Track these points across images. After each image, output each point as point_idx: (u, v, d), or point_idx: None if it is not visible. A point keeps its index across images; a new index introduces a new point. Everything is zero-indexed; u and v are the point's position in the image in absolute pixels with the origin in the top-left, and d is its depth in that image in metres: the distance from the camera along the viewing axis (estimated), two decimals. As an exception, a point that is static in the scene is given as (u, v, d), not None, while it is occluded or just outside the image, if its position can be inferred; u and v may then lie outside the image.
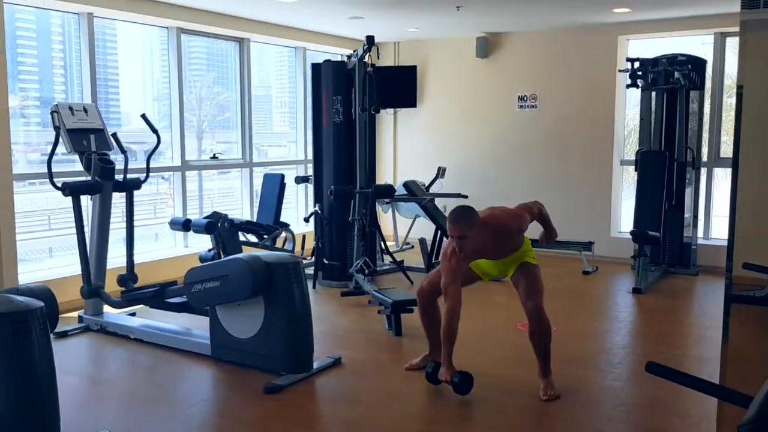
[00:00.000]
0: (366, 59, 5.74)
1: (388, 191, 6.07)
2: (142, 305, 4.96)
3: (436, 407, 3.56)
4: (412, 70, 8.28)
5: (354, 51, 5.90)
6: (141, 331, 4.63)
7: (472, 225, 3.48)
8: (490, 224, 3.60)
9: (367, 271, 5.73)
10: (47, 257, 6.02)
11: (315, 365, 4.05)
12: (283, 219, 6.96)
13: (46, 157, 4.51)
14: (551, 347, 3.77)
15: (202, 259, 5.67)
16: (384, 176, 8.73)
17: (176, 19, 6.28)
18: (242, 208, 7.45)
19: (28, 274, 5.40)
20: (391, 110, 8.56)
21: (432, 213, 6.80)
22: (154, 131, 4.95)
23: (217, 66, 7.45)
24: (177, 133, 6.56)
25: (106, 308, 4.97)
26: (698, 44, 7.05)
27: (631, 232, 6.07)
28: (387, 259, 6.70)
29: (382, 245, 6.62)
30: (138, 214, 6.74)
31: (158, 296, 4.55)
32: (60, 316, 5.13)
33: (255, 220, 6.78)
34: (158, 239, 6.90)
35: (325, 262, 6.25)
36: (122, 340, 4.67)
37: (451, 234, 3.53)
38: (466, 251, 3.55)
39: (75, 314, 5.03)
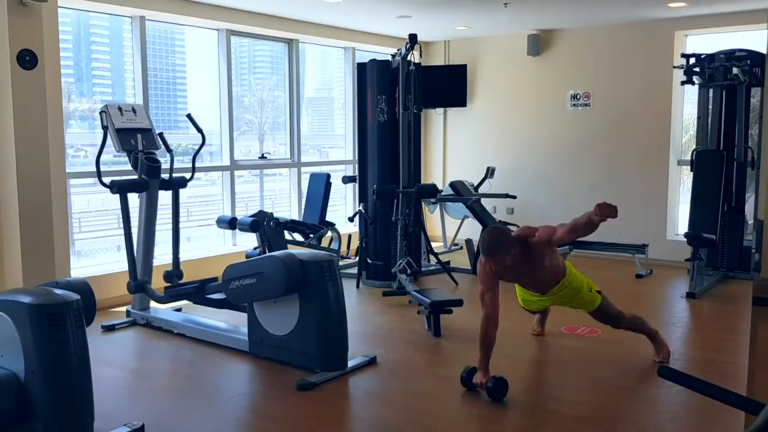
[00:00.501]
0: (409, 58, 5.71)
1: (431, 191, 6.02)
2: (186, 301, 5.07)
3: (468, 410, 3.50)
4: (462, 69, 8.21)
5: (398, 50, 5.88)
6: (184, 326, 4.73)
7: (507, 251, 3.55)
8: (520, 240, 3.66)
9: (409, 271, 5.70)
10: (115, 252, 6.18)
11: (350, 364, 4.04)
12: (330, 219, 7.02)
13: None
14: (647, 325, 4.13)
15: (248, 257, 5.75)
16: (433, 176, 8.69)
17: (226, 21, 6.40)
18: (290, 208, 7.53)
19: (88, 268, 5.61)
20: (440, 110, 8.52)
21: (479, 214, 6.71)
22: (200, 131, 5.05)
23: (279, 69, 7.57)
24: (226, 132, 6.68)
25: (154, 303, 5.10)
26: (759, 39, 6.73)
27: (685, 234, 5.84)
28: (433, 259, 6.65)
29: (427, 245, 6.57)
30: (194, 214, 6.95)
31: (199, 292, 4.64)
32: (110, 309, 5.36)
33: (301, 219, 6.84)
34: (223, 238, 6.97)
35: (369, 261, 6.24)
36: (166, 334, 4.78)
37: (492, 263, 3.63)
38: (506, 265, 3.63)
39: (124, 309, 5.18)
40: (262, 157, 7.21)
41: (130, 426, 3.20)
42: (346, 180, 7.41)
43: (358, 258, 6.34)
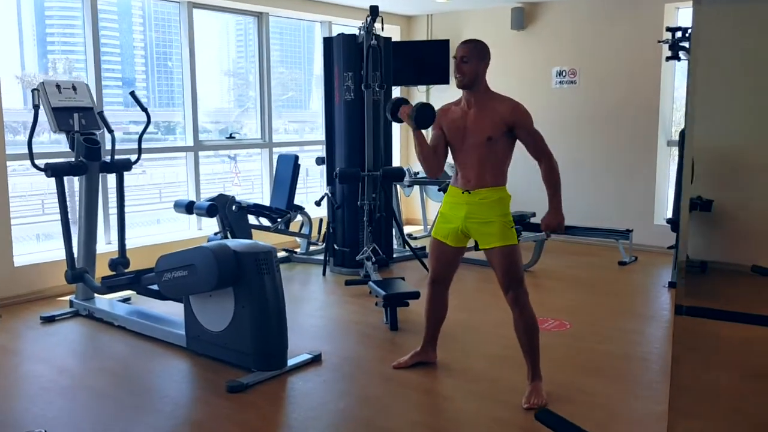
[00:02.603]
0: (374, 31, 5.34)
1: (397, 174, 5.67)
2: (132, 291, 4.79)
3: (407, 416, 3.19)
4: (444, 44, 7.82)
5: (363, 23, 5.50)
6: (125, 318, 4.45)
7: (478, 53, 3.33)
8: (496, 93, 3.44)
9: (374, 258, 5.38)
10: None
11: (292, 362, 3.75)
12: (303, 202, 6.70)
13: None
14: (539, 346, 3.37)
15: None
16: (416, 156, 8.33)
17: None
18: (262, 191, 7.22)
19: (35, 254, 5.33)
20: (423, 87, 8.14)
21: (454, 197, 6.36)
22: (144, 110, 4.73)
23: (287, 45, 7.32)
24: (189, 111, 6.35)
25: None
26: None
27: (668, 220, 5.49)
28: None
29: (399, 231, 6.25)
30: (166, 196, 6.68)
31: (135, 283, 4.35)
32: (58, 299, 5.08)
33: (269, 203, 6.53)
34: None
35: (336, 248, 5.93)
36: (107, 327, 4.50)
37: (456, 56, 3.37)
38: (465, 73, 3.31)
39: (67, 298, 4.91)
40: (231, 137, 6.88)
41: (31, 434, 2.92)
42: (320, 161, 7.08)
43: (323, 244, 6.03)
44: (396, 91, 8.03)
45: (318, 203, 5.99)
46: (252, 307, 3.61)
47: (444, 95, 8.00)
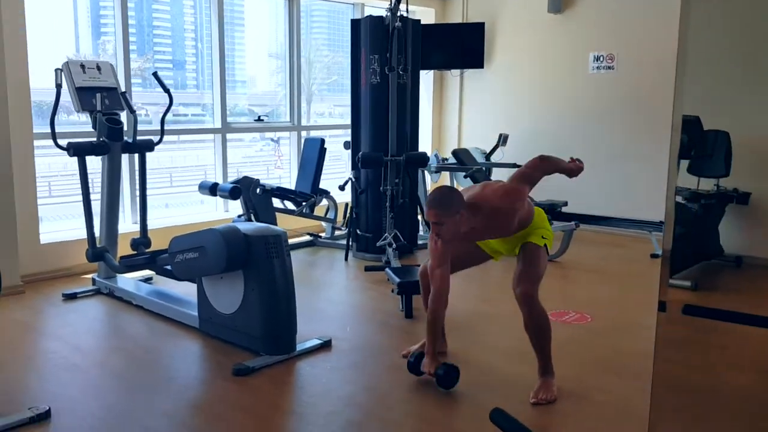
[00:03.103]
0: (399, 12, 5.24)
1: (421, 159, 5.58)
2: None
3: (409, 407, 3.13)
4: (479, 27, 7.65)
5: (389, 4, 5.40)
6: (143, 298, 4.49)
7: (448, 211, 3.01)
8: (480, 206, 3.11)
9: (394, 245, 5.31)
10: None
11: (301, 346, 3.73)
12: (331, 187, 6.65)
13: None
14: (550, 343, 3.26)
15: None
16: (448, 142, 8.21)
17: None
18: (290, 175, 7.20)
19: (62, 232, 5.43)
20: (456, 71, 8.00)
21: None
22: (166, 91, 4.73)
23: (333, 28, 7.32)
24: (218, 93, 6.36)
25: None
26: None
27: (702, 214, 5.26)
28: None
29: (423, 218, 6.16)
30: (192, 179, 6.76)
31: (151, 263, 4.37)
32: (82, 276, 5.16)
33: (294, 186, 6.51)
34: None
35: (359, 233, 5.88)
36: (126, 306, 4.56)
37: (427, 220, 3.16)
38: (444, 237, 3.10)
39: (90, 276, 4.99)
40: (259, 119, 6.88)
41: (35, 410, 2.95)
42: (347, 145, 7.02)
43: (347, 229, 5.99)
44: (425, 75, 7.92)
45: (342, 187, 5.94)
46: (261, 290, 3.59)
47: (479, 80, 7.86)
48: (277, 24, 7.26)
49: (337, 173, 7.84)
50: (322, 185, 6.53)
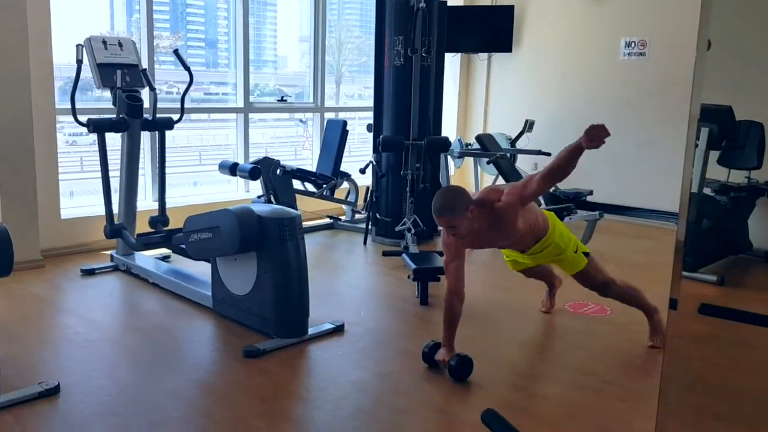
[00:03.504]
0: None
1: (442, 144, 5.49)
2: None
3: (418, 396, 3.08)
4: (508, 10, 7.50)
5: (416, -16, 5.29)
6: (159, 276, 4.49)
7: (456, 213, 3.00)
8: (485, 204, 3.15)
9: (413, 230, 5.25)
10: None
11: (313, 330, 3.70)
12: (354, 169, 6.60)
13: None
14: (643, 297, 3.70)
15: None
16: (473, 127, 8.09)
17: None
18: (312, 156, 7.16)
19: (84, 208, 5.46)
20: (484, 55, 7.86)
21: (505, 171, 6.13)
22: (187, 69, 4.70)
23: (362, 9, 7.27)
24: (241, 72, 6.32)
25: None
26: None
27: (732, 207, 5.11)
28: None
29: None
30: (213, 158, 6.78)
31: (166, 242, 4.37)
32: (101, 252, 5.19)
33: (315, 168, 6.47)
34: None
35: (378, 217, 5.82)
36: (142, 283, 4.57)
37: (439, 225, 3.15)
38: (462, 235, 3.10)
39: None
40: (282, 99, 6.83)
41: (44, 385, 2.97)
42: (370, 128, 6.96)
43: (367, 213, 5.93)
44: (451, 59, 7.79)
45: (363, 171, 5.88)
46: (274, 272, 3.56)
47: (507, 65, 7.71)
48: (308, 4, 7.23)
49: (364, 156, 7.80)
50: (347, 168, 6.48)
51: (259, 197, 5.85)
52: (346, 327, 3.82)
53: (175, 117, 4.78)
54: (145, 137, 5.62)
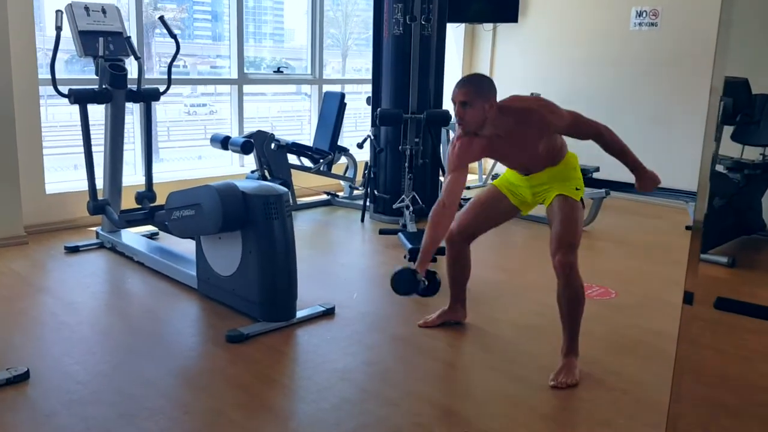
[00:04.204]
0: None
1: (442, 118, 5.25)
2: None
3: (409, 385, 2.90)
4: (515, -22, 7.20)
5: (415, -51, 5.02)
6: (143, 254, 4.31)
7: (480, 91, 2.80)
8: (510, 107, 2.88)
9: (411, 208, 5.05)
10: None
11: (301, 313, 3.51)
12: (351, 145, 6.39)
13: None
14: (581, 320, 2.99)
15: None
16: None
17: None
18: (311, 130, 6.94)
19: (70, 183, 5.27)
20: (489, 26, 7.58)
21: (509, 146, 5.89)
22: (173, 37, 4.48)
23: None
24: (234, 43, 6.08)
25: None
26: None
27: (745, 185, 4.87)
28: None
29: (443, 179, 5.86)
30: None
31: (149, 219, 4.19)
32: (88, 229, 5.01)
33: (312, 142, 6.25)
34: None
35: (376, 194, 5.61)
36: (127, 262, 4.39)
37: (454, 100, 2.87)
38: (468, 124, 2.85)
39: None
40: (278, 70, 6.59)
41: (13, 371, 2.80)
42: (369, 101, 6.72)
43: (365, 189, 5.72)
44: (455, 29, 7.52)
45: (360, 145, 5.66)
46: (259, 253, 3.37)
47: (512, 35, 7.43)
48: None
49: (365, 130, 7.59)
50: (347, 143, 6.26)
51: (252, 172, 5.65)
52: (337, 310, 3.64)
53: (162, 88, 4.57)
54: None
